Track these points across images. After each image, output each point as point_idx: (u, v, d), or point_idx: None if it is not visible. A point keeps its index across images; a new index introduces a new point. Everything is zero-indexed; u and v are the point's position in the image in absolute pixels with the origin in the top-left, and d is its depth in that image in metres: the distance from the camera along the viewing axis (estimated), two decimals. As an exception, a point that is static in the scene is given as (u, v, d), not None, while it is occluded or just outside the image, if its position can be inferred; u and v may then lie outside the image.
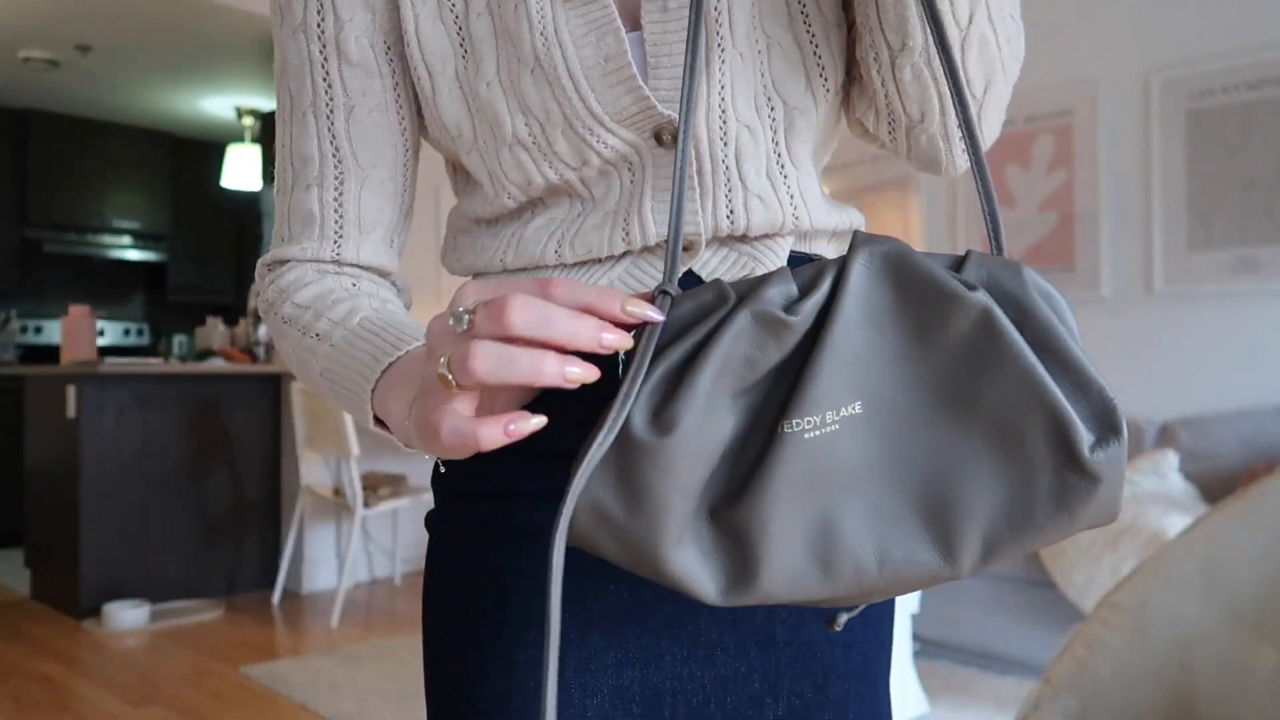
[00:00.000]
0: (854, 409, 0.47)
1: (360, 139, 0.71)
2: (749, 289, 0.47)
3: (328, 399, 0.68)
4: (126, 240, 6.84)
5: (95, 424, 4.07)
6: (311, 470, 4.25)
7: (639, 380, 0.46)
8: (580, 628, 0.63)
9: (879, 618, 0.72)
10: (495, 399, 0.49)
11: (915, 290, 0.47)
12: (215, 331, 4.89)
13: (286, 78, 0.73)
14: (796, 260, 0.71)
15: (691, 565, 0.47)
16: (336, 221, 0.72)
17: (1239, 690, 0.95)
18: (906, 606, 2.79)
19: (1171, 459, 3.18)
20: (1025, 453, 0.47)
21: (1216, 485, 3.22)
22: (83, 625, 3.90)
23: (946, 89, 0.64)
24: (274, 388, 4.55)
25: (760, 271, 0.67)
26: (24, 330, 6.59)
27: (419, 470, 4.66)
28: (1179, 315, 3.63)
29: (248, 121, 6.21)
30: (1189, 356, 3.60)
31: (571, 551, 0.62)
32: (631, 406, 0.46)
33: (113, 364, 4.04)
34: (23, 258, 6.46)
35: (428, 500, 4.27)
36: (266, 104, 6.05)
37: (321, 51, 0.71)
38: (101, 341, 6.91)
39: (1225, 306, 3.52)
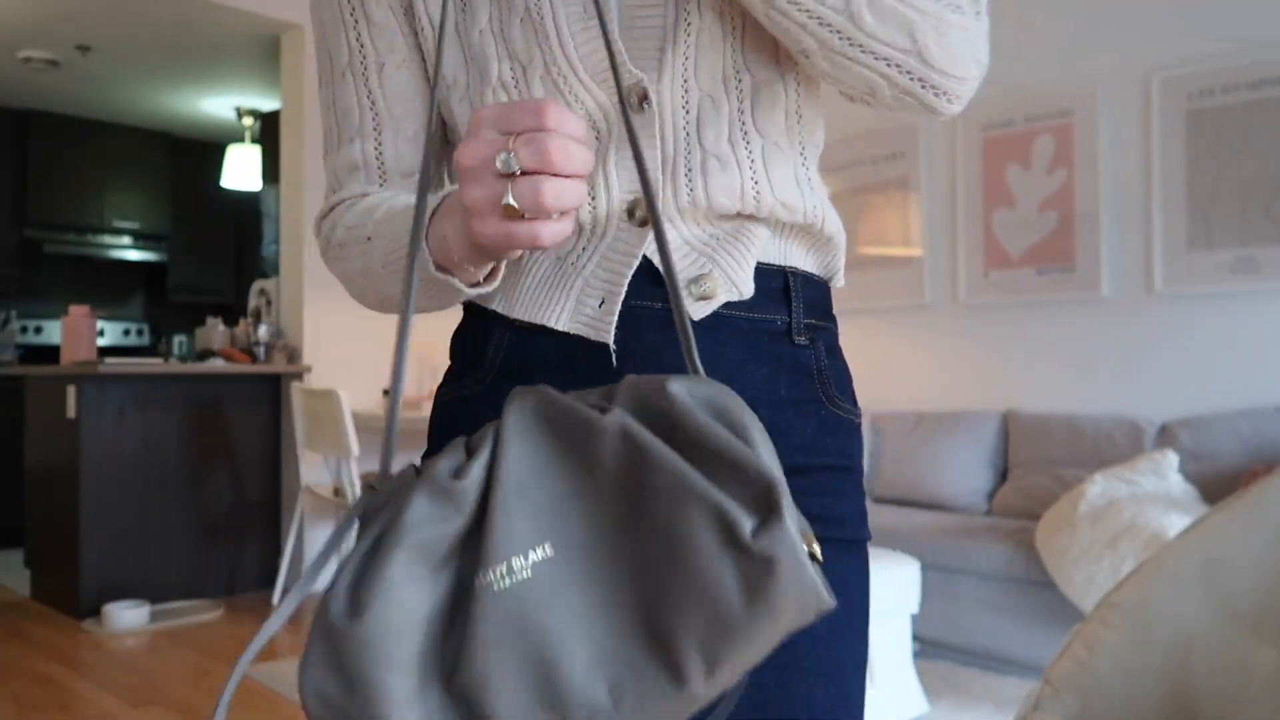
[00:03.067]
0: (545, 551, 0.48)
1: (392, 93, 0.77)
2: (428, 466, 0.50)
3: (393, 290, 0.71)
4: (126, 240, 6.84)
5: (95, 424, 4.07)
6: (311, 470, 4.25)
7: (319, 566, 0.51)
8: None
9: (847, 621, 0.72)
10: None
11: (565, 430, 0.49)
12: (215, 331, 4.89)
13: (325, 40, 0.79)
14: (764, 273, 0.73)
15: None
16: (379, 167, 0.77)
17: (1239, 690, 0.95)
18: (906, 607, 2.79)
19: (1171, 459, 3.18)
20: (699, 556, 0.46)
21: (1216, 485, 3.22)
22: (83, 625, 3.90)
23: (878, 64, 0.65)
24: (274, 388, 4.55)
25: (730, 270, 0.71)
26: (24, 330, 6.59)
27: (419, 470, 4.65)
28: (1179, 315, 3.63)
29: (248, 122, 6.21)
30: (1189, 356, 3.60)
31: None
32: (330, 594, 0.48)
33: (113, 364, 4.03)
34: (23, 258, 6.46)
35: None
36: (266, 104, 6.05)
37: (352, 14, 0.76)
38: (101, 341, 6.91)
39: (1225, 306, 3.52)
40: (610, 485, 0.48)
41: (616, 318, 0.69)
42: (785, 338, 0.73)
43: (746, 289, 0.70)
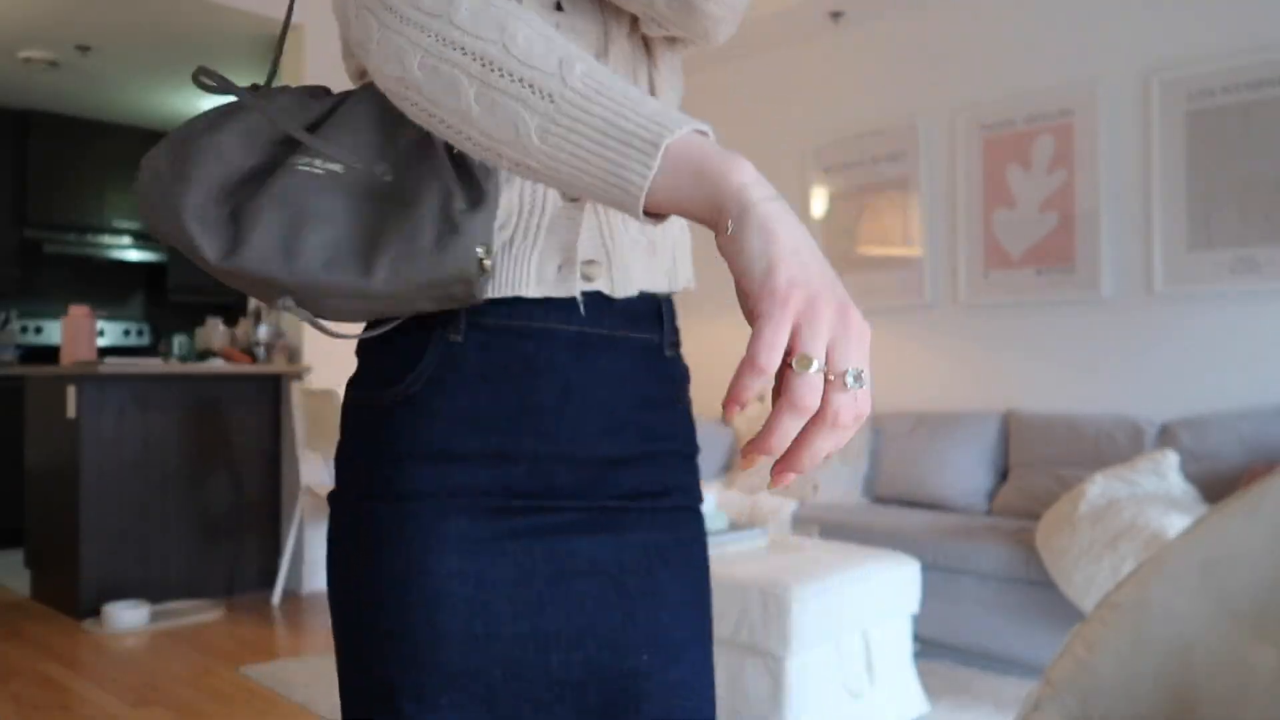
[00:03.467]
0: (338, 168, 0.71)
1: None
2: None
3: (519, 157, 0.63)
4: (126, 240, 6.84)
5: (95, 424, 4.07)
6: (311, 470, 4.25)
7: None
8: (482, 594, 0.76)
9: (701, 561, 0.87)
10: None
11: (397, 118, 0.74)
12: (215, 331, 4.89)
13: None
14: (645, 299, 0.86)
15: (199, 230, 0.68)
16: None
17: (1239, 690, 0.95)
18: (906, 607, 2.79)
19: (1171, 459, 3.18)
20: (422, 206, 0.71)
21: (1216, 485, 3.22)
22: (83, 625, 3.90)
23: None
24: (274, 388, 4.55)
25: (616, 272, 0.83)
26: (24, 330, 6.59)
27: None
28: (1179, 315, 3.63)
29: (248, 121, 6.20)
30: (1189, 356, 3.60)
31: (471, 539, 0.77)
32: (203, 114, 0.75)
33: (113, 364, 4.03)
34: (23, 258, 6.46)
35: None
36: (266, 104, 6.05)
37: None
38: (101, 341, 6.91)
39: (1225, 306, 3.52)
40: (403, 148, 0.72)
41: (578, 276, 0.78)
42: (658, 352, 0.86)
43: (620, 293, 0.81)
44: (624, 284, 0.81)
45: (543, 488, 0.79)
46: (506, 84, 0.61)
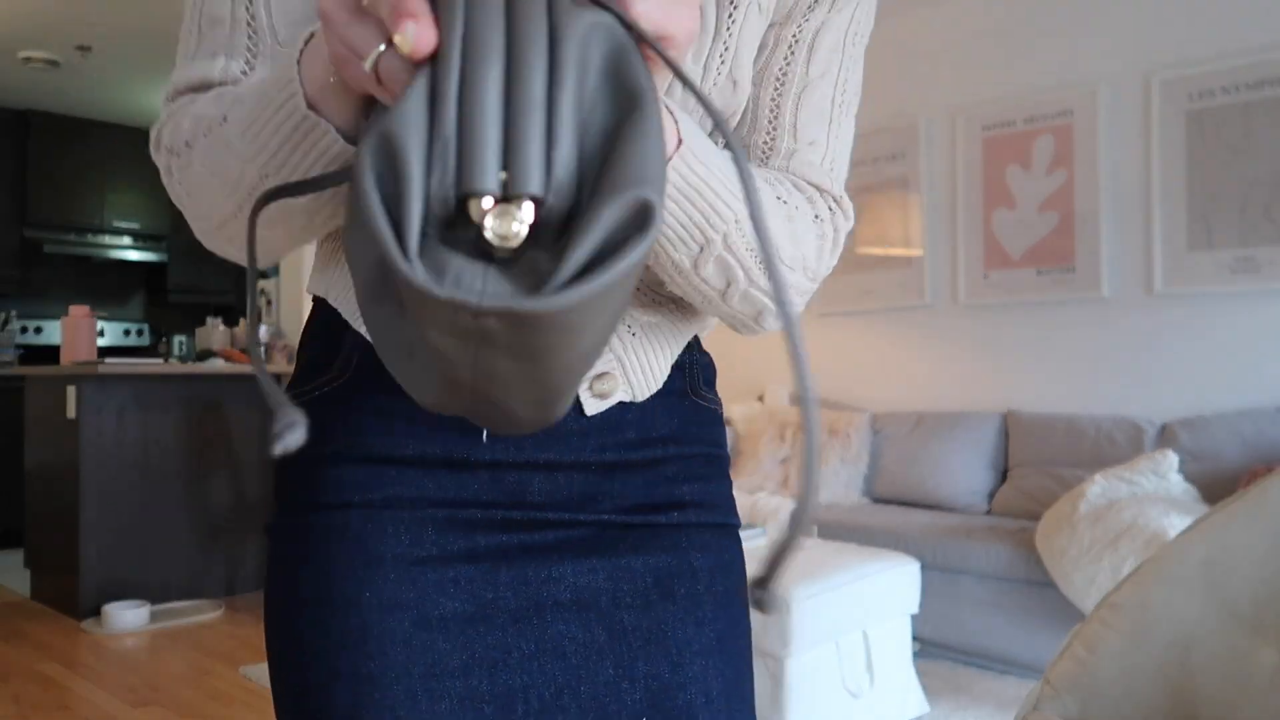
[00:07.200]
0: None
1: (282, 11, 0.62)
2: None
3: (252, 174, 0.55)
4: (126, 240, 6.84)
5: (95, 424, 4.07)
6: (311, 470, 4.25)
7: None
8: (425, 634, 0.61)
9: (729, 597, 0.70)
10: None
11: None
12: (215, 332, 4.89)
13: None
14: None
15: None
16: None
17: (1239, 690, 0.95)
18: (906, 607, 2.79)
19: (1171, 459, 3.18)
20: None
21: (1216, 485, 3.22)
22: (83, 625, 3.90)
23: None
24: (274, 388, 4.55)
25: (633, 373, 0.67)
26: (24, 330, 6.59)
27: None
28: (1179, 315, 3.63)
29: (248, 122, 6.21)
30: (1189, 356, 3.60)
31: (410, 560, 0.61)
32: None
33: (113, 364, 4.03)
34: (23, 258, 6.46)
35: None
36: (266, 104, 6.05)
37: None
38: (101, 342, 6.91)
39: (1225, 306, 3.52)
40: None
41: (590, 396, 0.65)
42: None
43: (642, 393, 0.67)
44: (645, 385, 0.68)
45: (509, 498, 0.64)
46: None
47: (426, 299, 0.37)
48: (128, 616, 3.84)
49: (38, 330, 6.66)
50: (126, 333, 7.14)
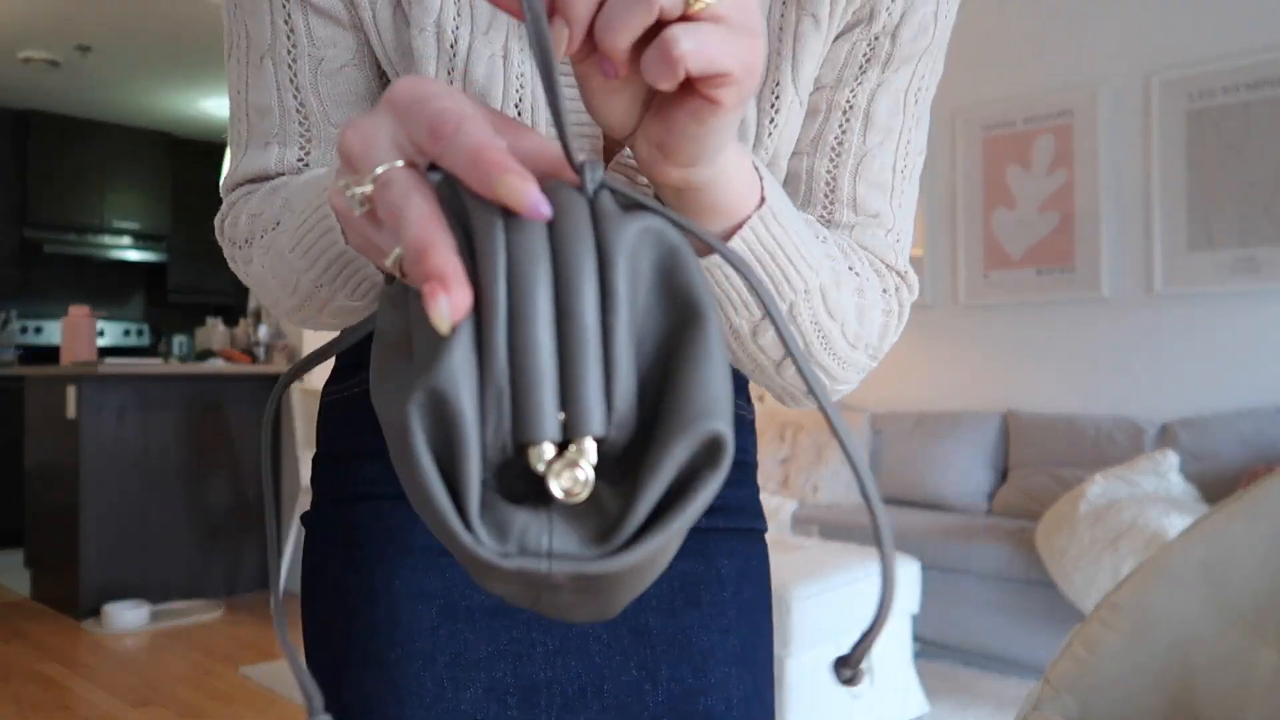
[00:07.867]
0: None
1: (332, 96, 0.61)
2: None
3: (308, 281, 0.56)
4: (126, 240, 6.84)
5: (95, 424, 4.07)
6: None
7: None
8: (451, 623, 0.62)
9: (755, 605, 0.70)
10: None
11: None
12: (215, 332, 4.89)
13: (242, 13, 0.61)
14: None
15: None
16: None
17: (1239, 690, 0.95)
18: (906, 607, 2.79)
19: (1171, 459, 3.18)
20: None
21: (1216, 485, 3.22)
22: (83, 625, 3.90)
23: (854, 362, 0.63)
24: (273, 388, 4.55)
25: None
26: (24, 330, 6.59)
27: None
28: (1179, 315, 3.63)
29: (248, 121, 6.21)
30: (1189, 356, 3.60)
31: (438, 551, 0.62)
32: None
33: (113, 364, 4.03)
34: (23, 258, 6.46)
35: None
36: (266, 104, 6.05)
37: None
38: (101, 342, 6.91)
39: (1225, 306, 3.52)
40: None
41: None
42: None
43: None
44: None
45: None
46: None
47: (491, 569, 0.35)
48: (128, 616, 3.84)
49: (38, 330, 6.66)
50: (126, 333, 7.14)
